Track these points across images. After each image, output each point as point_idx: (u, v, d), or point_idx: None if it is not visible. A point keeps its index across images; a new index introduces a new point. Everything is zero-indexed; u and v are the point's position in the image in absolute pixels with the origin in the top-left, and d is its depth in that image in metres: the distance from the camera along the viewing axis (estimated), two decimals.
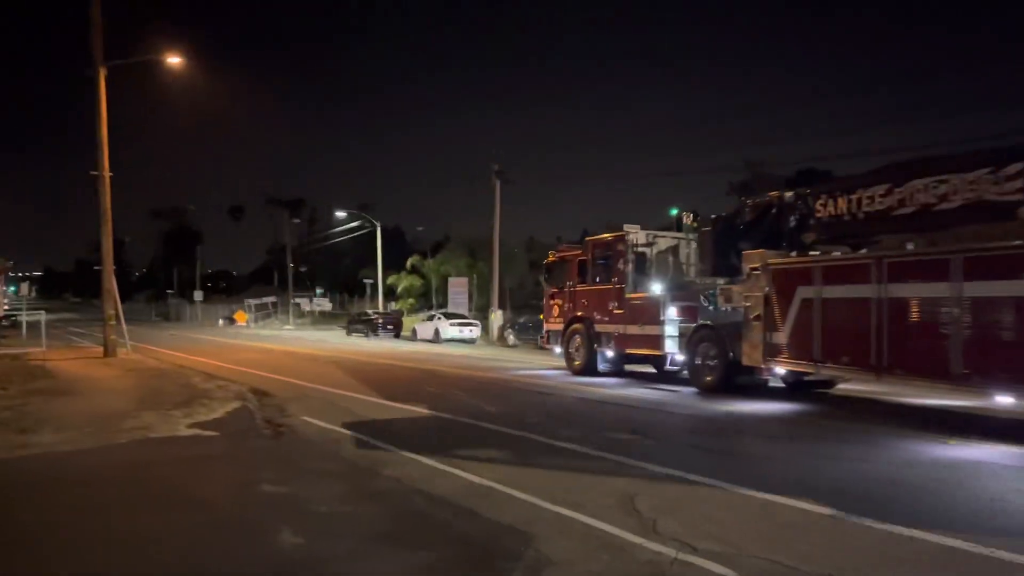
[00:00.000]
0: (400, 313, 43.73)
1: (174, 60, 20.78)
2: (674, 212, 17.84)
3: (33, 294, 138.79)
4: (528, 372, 16.25)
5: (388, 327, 40.15)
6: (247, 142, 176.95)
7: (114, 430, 9.32)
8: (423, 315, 38.03)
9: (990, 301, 6.97)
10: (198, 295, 70.71)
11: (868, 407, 10.03)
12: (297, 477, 6.99)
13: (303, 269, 74.78)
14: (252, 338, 36.96)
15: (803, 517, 4.82)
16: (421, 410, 11.12)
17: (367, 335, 39.89)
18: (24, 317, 71.96)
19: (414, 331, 31.09)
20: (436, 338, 31.49)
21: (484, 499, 6.02)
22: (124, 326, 23.68)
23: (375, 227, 49.75)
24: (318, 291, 68.46)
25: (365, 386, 14.68)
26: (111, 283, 22.71)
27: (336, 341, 35.55)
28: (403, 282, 53.47)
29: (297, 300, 61.48)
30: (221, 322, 62.39)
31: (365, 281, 55.53)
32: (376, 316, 41.27)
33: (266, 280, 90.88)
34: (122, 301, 24.69)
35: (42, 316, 19.18)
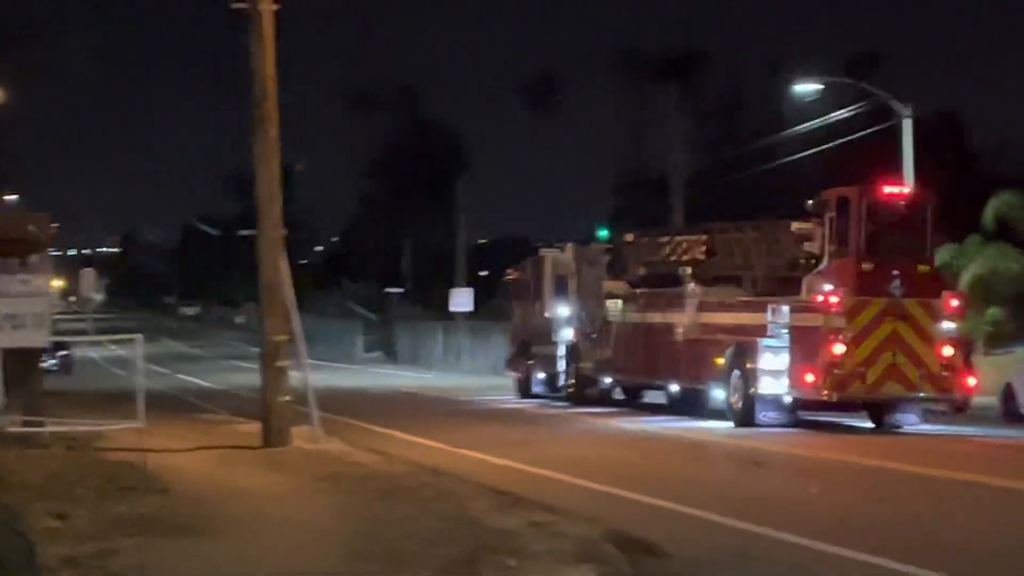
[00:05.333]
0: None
1: None
2: (603, 234, 42.57)
3: (100, 293, 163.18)
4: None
5: None
6: None
7: None
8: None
9: (661, 326, 34.93)
10: (461, 298, 75.92)
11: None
12: None
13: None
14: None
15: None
16: None
17: None
18: (89, 345, 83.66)
19: (1008, 391, 34.10)
20: None
21: None
22: (308, 373, 26.40)
23: (896, 118, 49.16)
24: None
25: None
26: (278, 267, 25.35)
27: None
28: (975, 262, 52.23)
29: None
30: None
31: None
32: None
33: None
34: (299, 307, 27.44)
35: (137, 346, 21.94)
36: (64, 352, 63.34)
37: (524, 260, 45.41)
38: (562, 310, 40.28)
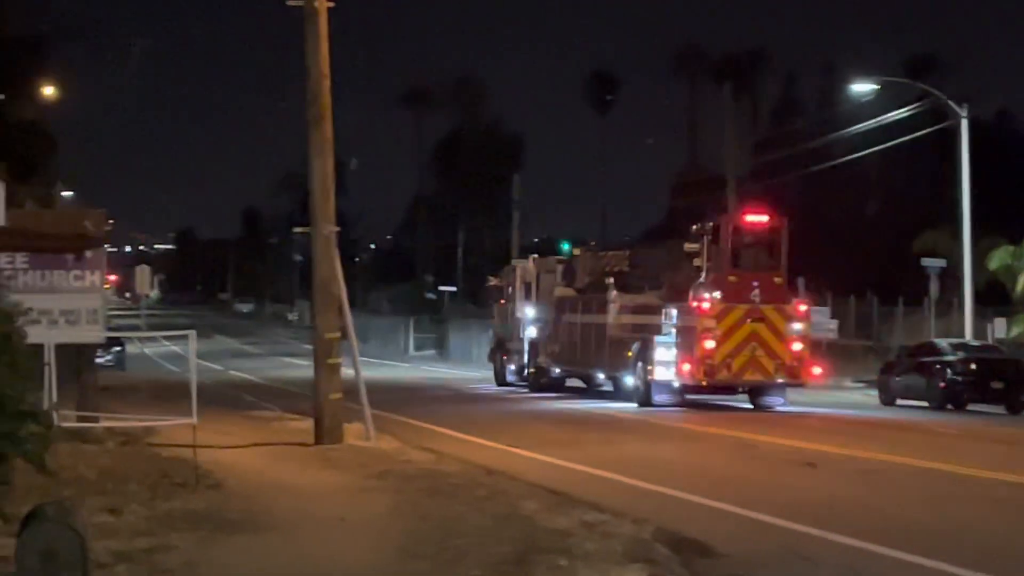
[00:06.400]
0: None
1: None
2: (566, 247, 52.39)
3: (155, 289, 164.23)
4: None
5: (992, 386, 39.62)
6: None
7: None
8: None
9: (593, 325, 42.50)
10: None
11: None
12: None
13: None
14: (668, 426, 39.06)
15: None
16: None
17: (939, 403, 39.86)
18: (143, 340, 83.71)
19: None
20: None
21: None
22: (360, 370, 26.49)
23: (953, 118, 48.84)
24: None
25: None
26: (331, 264, 25.47)
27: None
28: None
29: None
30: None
31: (925, 264, 55.64)
32: (962, 356, 40.89)
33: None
34: (350, 307, 27.52)
35: (190, 342, 21.99)
36: (118, 348, 63.83)
37: (502, 269, 54.42)
38: (528, 312, 47.80)
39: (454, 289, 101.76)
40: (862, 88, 55.19)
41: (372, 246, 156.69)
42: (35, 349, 17.35)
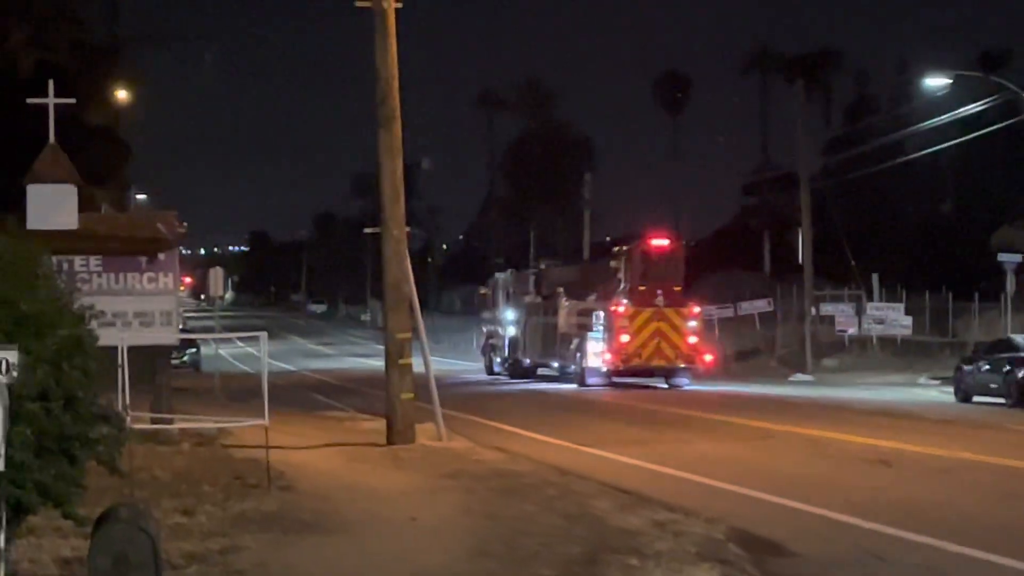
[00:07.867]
0: None
1: None
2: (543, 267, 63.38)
3: (229, 291, 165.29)
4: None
5: None
6: None
7: None
8: None
9: (551, 324, 54.59)
10: None
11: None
12: None
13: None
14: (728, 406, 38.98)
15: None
16: None
17: (1016, 400, 39.46)
18: (218, 341, 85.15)
19: None
20: None
21: None
22: (431, 370, 26.54)
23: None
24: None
25: None
26: (402, 265, 25.51)
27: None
28: None
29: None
30: None
31: (1001, 259, 55.21)
32: None
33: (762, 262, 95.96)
34: (422, 308, 27.62)
35: (262, 343, 21.97)
36: (193, 349, 64.36)
37: (489, 279, 65.19)
38: (507, 315, 58.50)
39: None
40: (936, 82, 54.78)
41: (444, 247, 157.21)
42: (109, 351, 17.47)
